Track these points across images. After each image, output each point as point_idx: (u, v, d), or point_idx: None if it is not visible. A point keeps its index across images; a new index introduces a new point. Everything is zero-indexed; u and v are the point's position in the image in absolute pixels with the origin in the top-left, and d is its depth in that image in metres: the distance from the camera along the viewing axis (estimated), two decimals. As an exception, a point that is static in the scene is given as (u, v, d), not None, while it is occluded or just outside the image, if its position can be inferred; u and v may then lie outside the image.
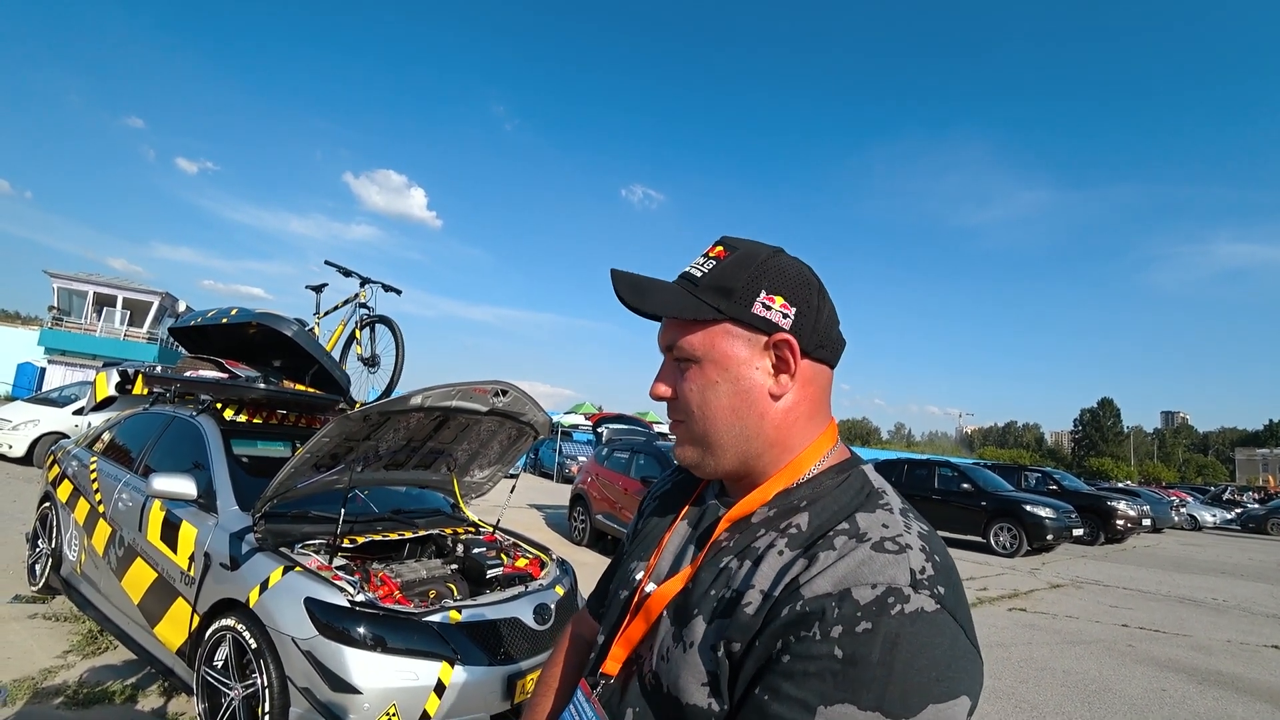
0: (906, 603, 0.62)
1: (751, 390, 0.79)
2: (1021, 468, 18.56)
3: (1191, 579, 10.61)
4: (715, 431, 0.80)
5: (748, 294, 0.78)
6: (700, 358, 0.79)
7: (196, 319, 4.64)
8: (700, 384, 0.80)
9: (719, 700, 0.69)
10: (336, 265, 5.71)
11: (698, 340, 0.79)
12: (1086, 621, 6.91)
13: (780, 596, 0.67)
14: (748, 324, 0.78)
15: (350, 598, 2.61)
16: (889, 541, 0.67)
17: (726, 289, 0.78)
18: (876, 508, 0.73)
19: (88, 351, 28.62)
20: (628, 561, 0.95)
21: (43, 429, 10.86)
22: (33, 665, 3.47)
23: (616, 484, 8.71)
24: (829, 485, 0.78)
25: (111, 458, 4.37)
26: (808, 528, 0.73)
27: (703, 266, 0.81)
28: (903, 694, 0.59)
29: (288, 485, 3.03)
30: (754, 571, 0.71)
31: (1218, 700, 4.71)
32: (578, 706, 0.84)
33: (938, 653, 0.61)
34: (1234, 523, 24.79)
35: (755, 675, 0.66)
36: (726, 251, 0.81)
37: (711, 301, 0.78)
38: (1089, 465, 75.14)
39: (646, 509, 1.03)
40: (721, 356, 0.79)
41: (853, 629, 0.61)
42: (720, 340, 0.79)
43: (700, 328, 0.79)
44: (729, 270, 0.79)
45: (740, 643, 0.68)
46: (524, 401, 3.44)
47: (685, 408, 0.81)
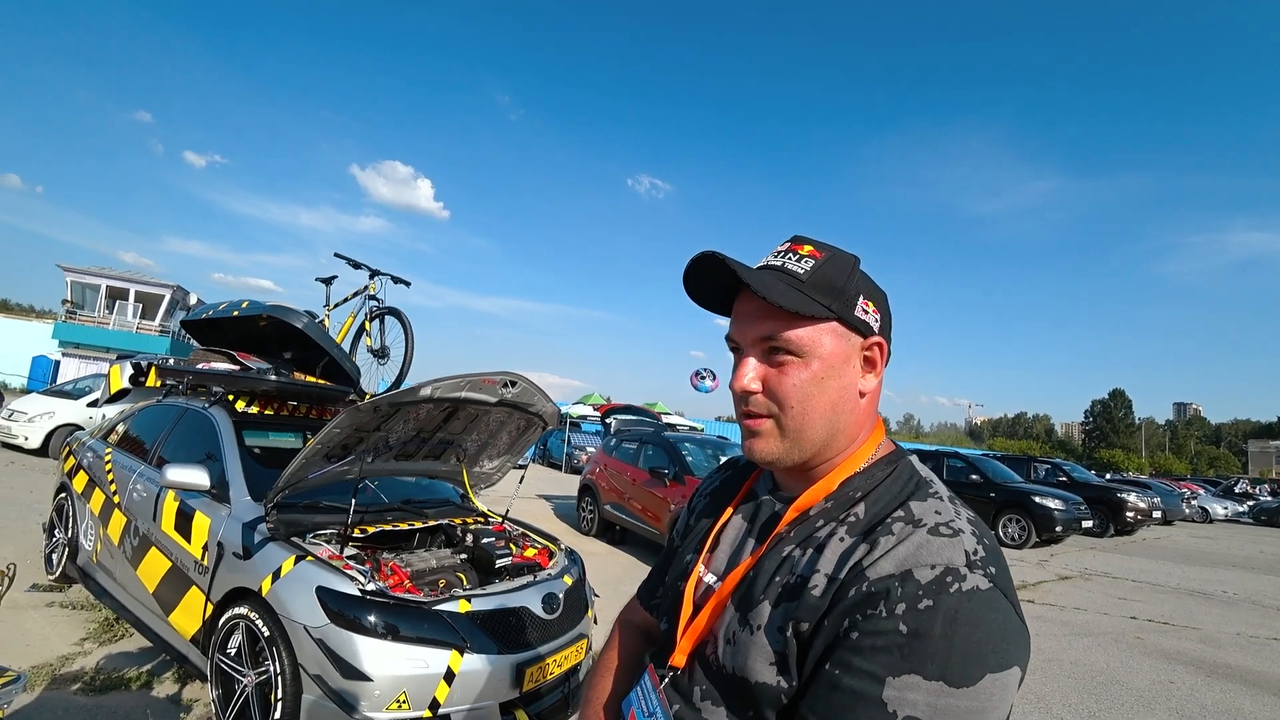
0: (963, 581, 0.67)
1: (849, 387, 0.84)
2: (1031, 459, 18.44)
3: (1202, 571, 10.56)
4: (812, 425, 0.83)
5: (852, 296, 0.82)
6: (806, 353, 0.82)
7: (208, 312, 4.68)
8: (804, 379, 0.82)
9: (787, 678, 0.74)
10: (346, 257, 5.73)
11: (805, 335, 0.81)
12: (1095, 613, 6.90)
13: (845, 579, 0.72)
14: (851, 325, 0.83)
15: (361, 587, 2.64)
16: (943, 526, 0.73)
17: (836, 289, 0.82)
18: (928, 496, 0.78)
19: (101, 344, 28.85)
20: (683, 554, 1.00)
21: (58, 421, 10.97)
22: (50, 652, 3.53)
23: (625, 474, 8.73)
24: (880, 476, 0.84)
25: (126, 449, 4.42)
26: (865, 516, 0.79)
27: (799, 264, 0.83)
28: (963, 664, 0.64)
29: (299, 476, 3.06)
30: (818, 558, 0.77)
31: (1225, 693, 4.70)
32: (644, 694, 0.89)
33: (993, 627, 0.66)
34: (1246, 515, 24.55)
35: (825, 652, 0.71)
36: (820, 252, 0.84)
37: (822, 300, 0.81)
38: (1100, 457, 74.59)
39: (697, 506, 1.08)
40: (829, 354, 0.82)
41: (915, 606, 0.66)
42: (828, 338, 0.82)
43: (809, 324, 0.81)
44: (833, 272, 0.83)
45: (809, 623, 0.73)
46: (533, 392, 3.45)
47: (782, 401, 0.83)
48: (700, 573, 0.92)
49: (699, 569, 0.93)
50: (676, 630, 0.89)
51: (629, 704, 0.91)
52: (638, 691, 0.90)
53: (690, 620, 0.88)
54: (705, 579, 0.91)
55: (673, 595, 0.95)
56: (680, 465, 7.86)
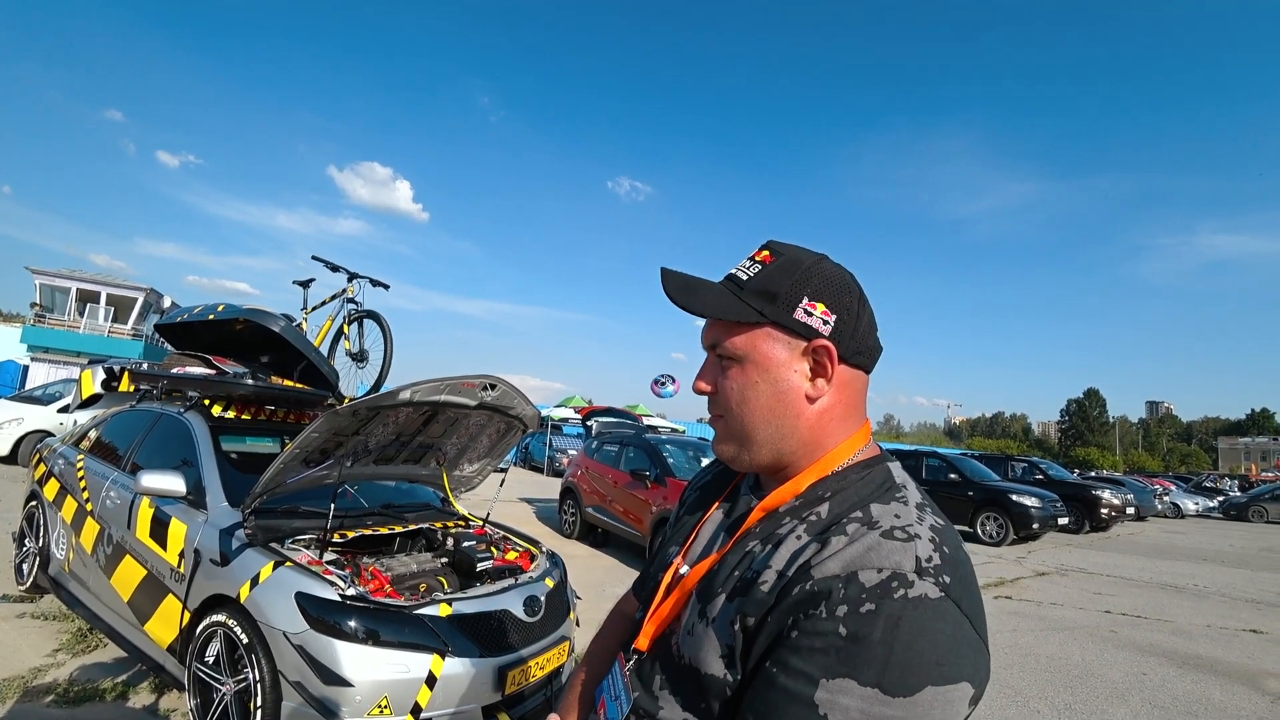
0: (910, 588, 0.66)
1: (789, 392, 0.83)
2: (1008, 458, 18.72)
3: (1174, 566, 10.77)
4: (752, 428, 0.84)
5: (790, 300, 0.82)
6: (742, 358, 0.83)
7: (183, 315, 4.61)
8: (741, 383, 0.84)
9: (733, 671, 0.75)
10: (324, 260, 5.68)
11: (740, 341, 0.83)
12: (1070, 608, 7.02)
13: (793, 576, 0.72)
14: (789, 329, 0.82)
15: (341, 592, 2.62)
16: (898, 530, 0.71)
17: (770, 293, 0.82)
18: (892, 500, 0.77)
19: (71, 349, 28.24)
20: (666, 546, 1.01)
21: (27, 427, 10.74)
22: (22, 664, 3.47)
23: (606, 477, 8.73)
24: (853, 479, 0.83)
25: (98, 455, 4.34)
26: (827, 516, 0.78)
27: (748, 270, 0.85)
28: (901, 674, 0.62)
29: (277, 481, 3.03)
30: (773, 553, 0.77)
31: (1196, 683, 4.81)
32: (612, 677, 0.92)
33: (939, 638, 0.64)
34: (1216, 510, 25.11)
35: (767, 649, 0.71)
36: (772, 256, 0.85)
37: (755, 305, 0.82)
38: (1075, 455, 75.90)
39: (687, 499, 1.09)
40: (762, 358, 0.82)
41: (857, 609, 0.65)
42: (762, 343, 0.83)
43: (744, 330, 0.83)
44: (773, 275, 0.83)
45: (754, 617, 0.73)
46: (512, 395, 3.45)
47: (725, 404, 0.86)
48: (678, 564, 0.94)
49: (678, 560, 0.94)
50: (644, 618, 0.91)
51: (601, 691, 0.93)
52: (608, 679, 0.93)
53: (657, 606, 0.90)
54: (680, 569, 0.92)
55: (650, 585, 0.97)
56: (661, 467, 7.88)
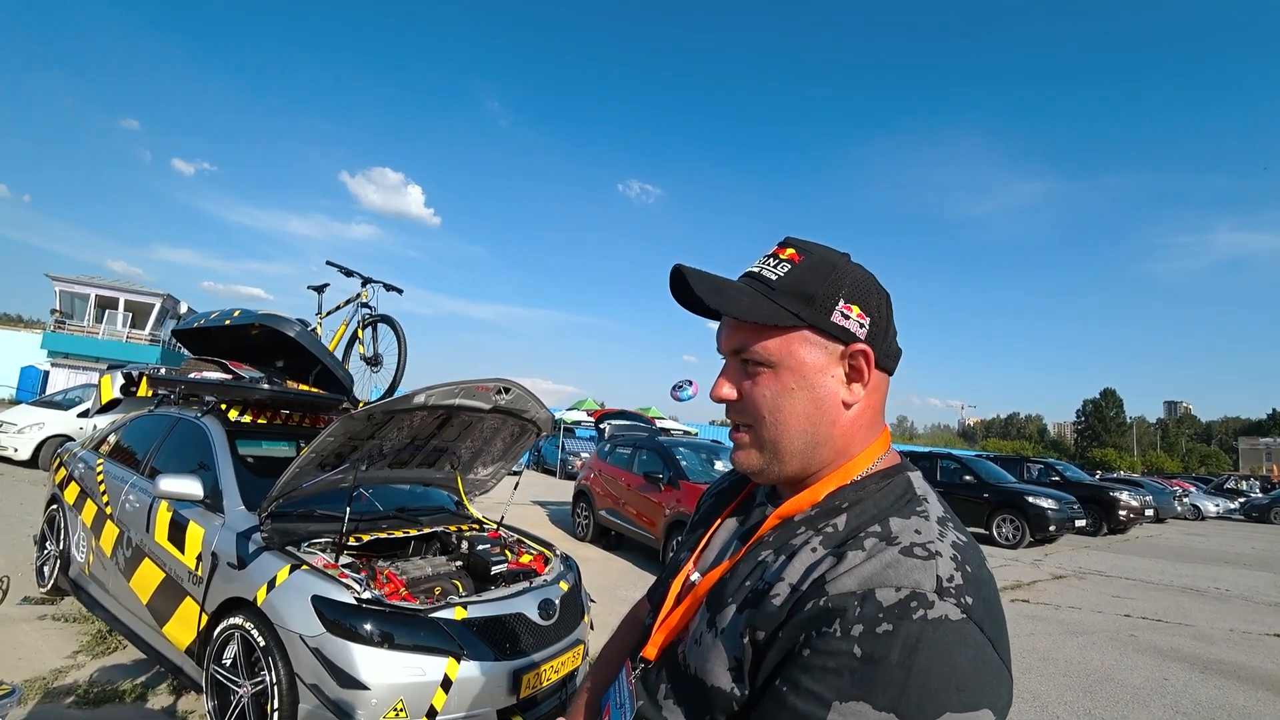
0: (930, 608, 0.62)
1: (826, 399, 0.78)
2: (1024, 459, 18.53)
3: (1194, 569, 10.62)
4: (787, 438, 0.79)
5: (827, 301, 0.77)
6: (776, 364, 0.78)
7: (199, 321, 4.66)
8: (775, 390, 0.78)
9: (741, 685, 0.72)
10: (338, 265, 5.72)
11: (774, 346, 0.78)
12: (1089, 612, 6.93)
13: (806, 591, 0.68)
14: (826, 332, 0.77)
15: (357, 595, 2.63)
16: (918, 547, 0.68)
17: (807, 295, 0.77)
18: (912, 514, 0.73)
19: (90, 354, 28.64)
20: (679, 552, 0.99)
21: (48, 432, 10.89)
22: (43, 665, 3.51)
23: (619, 480, 8.73)
24: (872, 489, 0.79)
25: (118, 460, 4.39)
26: (844, 528, 0.74)
27: (775, 269, 0.79)
28: (919, 699, 0.58)
29: (293, 485, 3.05)
30: (786, 565, 0.73)
31: (1219, 689, 4.73)
32: (618, 684, 0.90)
33: (959, 662, 0.60)
34: (1237, 512, 24.74)
35: (777, 666, 0.68)
36: (800, 255, 0.80)
37: (791, 307, 0.77)
38: (1092, 456, 75.06)
39: (704, 505, 1.06)
40: (799, 364, 0.78)
41: (873, 629, 0.61)
42: (798, 347, 0.78)
43: (778, 333, 0.78)
44: (807, 275, 0.78)
45: (765, 631, 0.70)
46: (526, 399, 3.45)
47: (755, 412, 0.80)
48: (688, 570, 0.91)
49: (688, 566, 0.92)
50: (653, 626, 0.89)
51: (607, 697, 0.90)
52: (615, 685, 0.90)
53: (666, 615, 0.87)
54: (691, 577, 0.90)
55: (662, 591, 0.94)
56: (675, 470, 7.87)
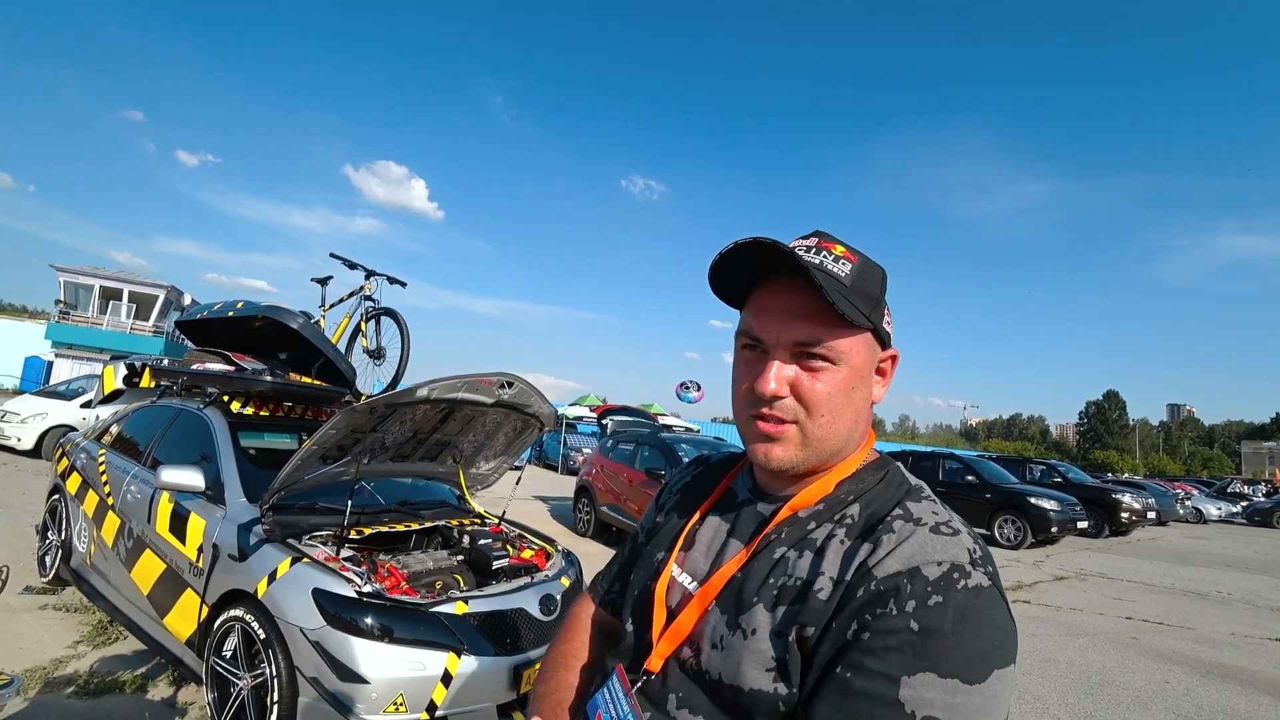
0: (968, 578, 0.67)
1: (869, 396, 0.83)
2: (1026, 460, 18.50)
3: (1196, 572, 10.59)
4: (836, 434, 0.81)
5: (882, 306, 0.82)
6: (842, 360, 0.79)
7: (202, 312, 4.65)
8: (837, 386, 0.79)
9: (786, 684, 0.71)
10: (341, 258, 5.71)
11: (848, 344, 0.79)
12: (1090, 614, 6.92)
13: (852, 580, 0.71)
14: (878, 335, 0.82)
15: (358, 589, 2.63)
16: (943, 526, 0.72)
17: (874, 298, 0.81)
18: (922, 499, 0.78)
19: (94, 345, 28.68)
20: (652, 552, 0.96)
21: (51, 422, 10.90)
22: (44, 655, 3.51)
23: (621, 476, 8.73)
24: (871, 480, 0.83)
25: (120, 450, 4.39)
26: (860, 518, 0.77)
27: (838, 265, 0.79)
28: (974, 661, 0.63)
29: (295, 477, 3.05)
30: (820, 561, 0.75)
31: (1221, 693, 4.71)
32: (613, 698, 0.84)
33: (996, 624, 0.66)
34: (1239, 516, 24.64)
35: (834, 657, 0.69)
36: (854, 255, 0.81)
37: (863, 308, 0.79)
38: (1094, 458, 74.90)
39: (666, 503, 1.04)
40: (862, 363, 0.80)
41: (925, 602, 0.65)
42: (862, 347, 0.80)
43: (851, 331, 0.79)
44: (869, 278, 0.81)
45: (814, 627, 0.71)
46: (529, 393, 3.44)
47: (812, 407, 0.79)
48: (673, 573, 0.89)
49: (671, 569, 0.90)
50: (649, 633, 0.86)
51: (595, 706, 0.86)
52: (604, 695, 0.85)
53: (667, 624, 0.84)
54: (680, 580, 0.88)
55: (642, 595, 0.91)
56: (676, 466, 7.85)
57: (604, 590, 1.08)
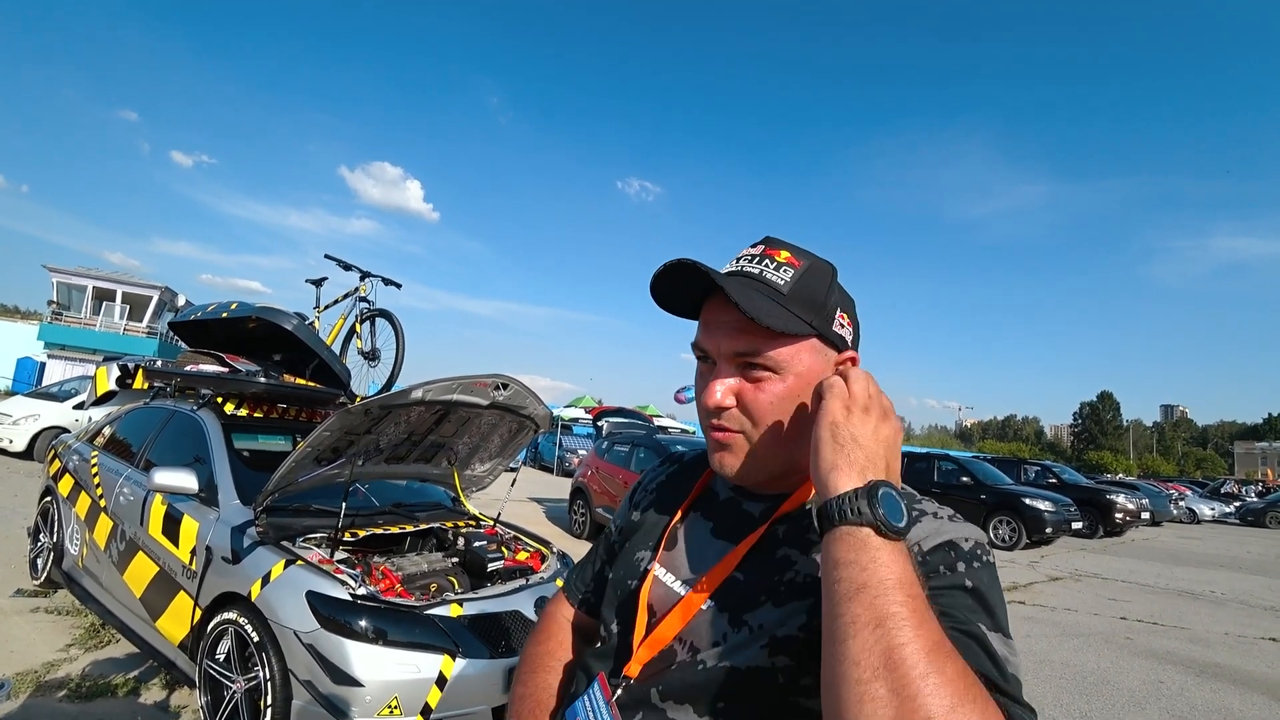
0: (988, 554, 0.72)
1: None
2: (1020, 461, 18.58)
3: (1190, 572, 10.64)
4: (783, 443, 0.79)
5: (830, 310, 0.79)
6: (784, 369, 0.77)
7: (196, 313, 4.63)
8: (780, 396, 0.77)
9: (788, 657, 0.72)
10: (336, 259, 5.70)
11: (786, 353, 0.77)
12: (1085, 614, 6.94)
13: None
14: (829, 340, 0.80)
15: (352, 591, 2.61)
16: (955, 516, 0.76)
17: (817, 303, 0.78)
18: (920, 500, 0.79)
19: (87, 346, 28.55)
20: (631, 552, 0.94)
21: (43, 424, 10.85)
22: (35, 659, 3.48)
23: (617, 477, 8.72)
24: None
25: (112, 452, 4.37)
26: None
27: (778, 274, 0.78)
28: (1005, 621, 0.67)
29: (289, 479, 3.03)
30: None
31: (1215, 692, 4.73)
32: (593, 706, 0.82)
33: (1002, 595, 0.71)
34: (1232, 516, 24.76)
35: None
36: (798, 260, 0.80)
37: (804, 315, 0.77)
38: (1088, 458, 75.12)
39: (641, 501, 1.02)
40: (807, 371, 0.78)
41: (970, 565, 0.69)
42: (806, 354, 0.78)
43: (790, 341, 0.77)
44: (813, 283, 0.79)
45: None
46: (525, 395, 3.43)
47: (756, 418, 0.78)
48: (657, 573, 0.87)
49: (655, 569, 0.88)
50: (631, 636, 0.84)
51: (574, 714, 0.84)
52: (584, 702, 0.83)
53: (650, 629, 0.83)
54: (665, 580, 0.86)
55: (623, 596, 0.89)
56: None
57: (580, 590, 1.06)
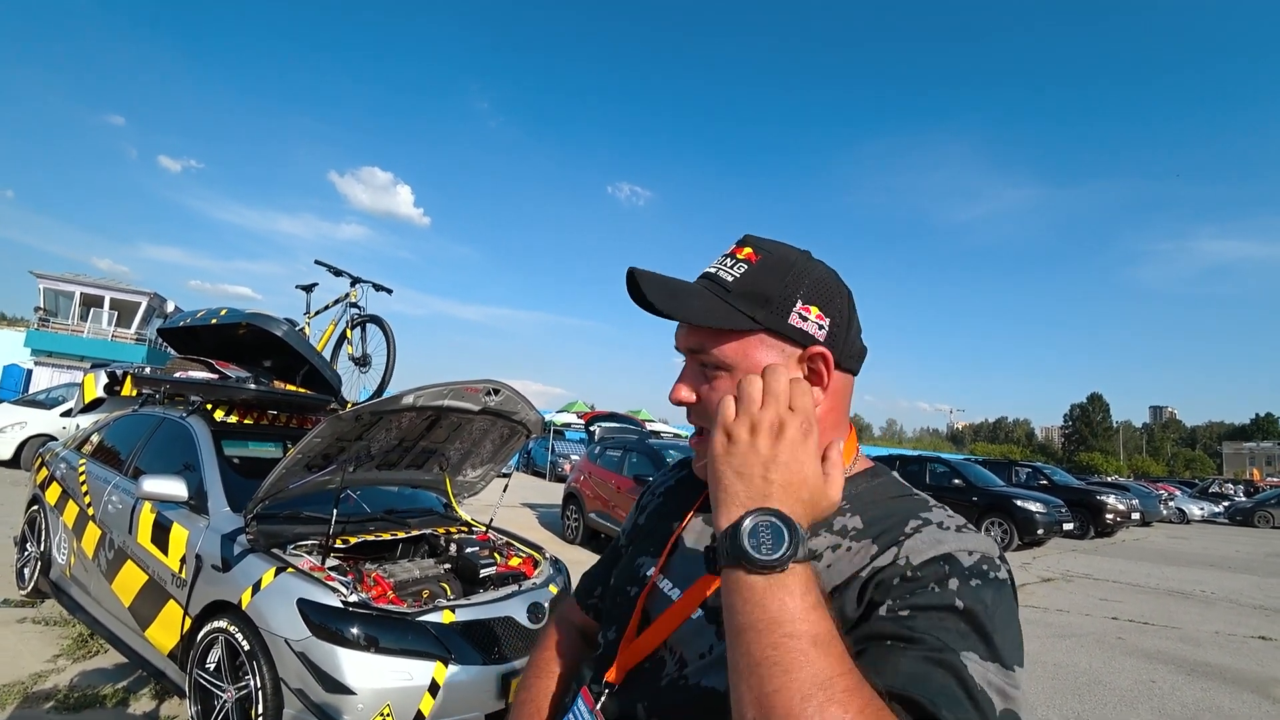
0: (998, 570, 0.66)
1: None
2: (1012, 463, 18.69)
3: (1180, 572, 10.71)
4: None
5: (785, 303, 0.75)
6: (732, 367, 0.75)
7: (186, 319, 4.61)
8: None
9: None
10: (327, 264, 5.69)
11: (731, 350, 0.75)
12: (1077, 615, 6.97)
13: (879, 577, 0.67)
14: (784, 335, 0.75)
15: (343, 598, 2.60)
16: (965, 527, 0.71)
17: (763, 297, 0.75)
18: (932, 507, 0.75)
19: (75, 353, 28.29)
20: (634, 556, 0.93)
21: (30, 431, 10.77)
22: (22, 670, 3.45)
23: (609, 482, 8.71)
24: (865, 488, 0.79)
25: (100, 460, 4.33)
26: (864, 525, 0.74)
27: (732, 270, 0.77)
28: (1009, 650, 0.62)
29: (279, 486, 3.02)
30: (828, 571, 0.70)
31: (1205, 691, 4.76)
32: (576, 713, 0.82)
33: (1016, 620, 0.65)
34: (1221, 516, 24.98)
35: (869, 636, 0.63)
36: (757, 254, 0.77)
37: (746, 310, 0.75)
38: (1079, 460, 75.62)
39: (649, 505, 1.01)
40: (755, 366, 0.74)
41: (967, 583, 0.64)
42: (755, 351, 0.75)
43: (735, 337, 0.75)
44: (764, 276, 0.76)
45: None
46: (516, 400, 3.43)
47: (711, 417, 0.75)
48: (658, 580, 0.86)
49: (655, 576, 0.86)
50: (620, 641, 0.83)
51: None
52: (572, 715, 0.83)
53: (639, 633, 0.82)
54: (662, 587, 0.84)
55: (621, 601, 0.88)
56: (665, 471, 7.85)
57: (585, 592, 1.05)
